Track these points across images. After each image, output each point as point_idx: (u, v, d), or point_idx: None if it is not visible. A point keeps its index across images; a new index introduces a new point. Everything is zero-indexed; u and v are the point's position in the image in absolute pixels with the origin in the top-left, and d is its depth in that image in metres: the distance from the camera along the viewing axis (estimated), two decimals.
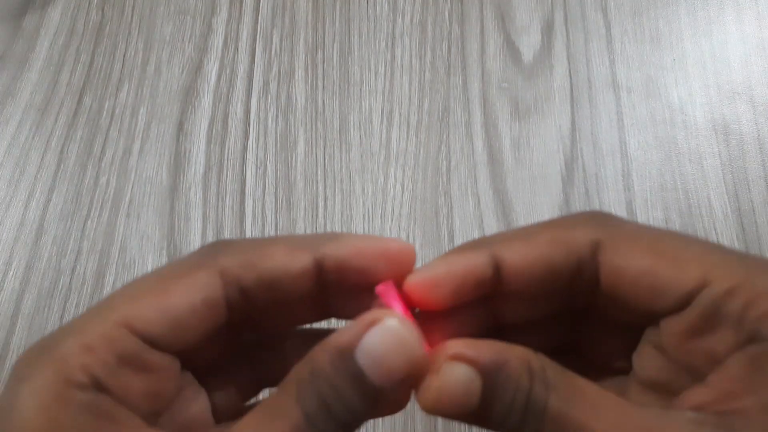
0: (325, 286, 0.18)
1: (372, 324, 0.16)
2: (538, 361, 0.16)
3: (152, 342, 0.16)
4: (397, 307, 0.18)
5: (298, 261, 0.17)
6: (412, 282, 0.18)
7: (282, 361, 0.20)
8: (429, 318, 0.18)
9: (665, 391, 0.18)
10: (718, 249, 0.17)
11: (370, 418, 0.16)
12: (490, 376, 0.16)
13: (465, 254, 0.18)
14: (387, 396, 0.16)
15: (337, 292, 0.19)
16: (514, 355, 0.16)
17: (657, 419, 0.15)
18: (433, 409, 0.16)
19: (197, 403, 0.18)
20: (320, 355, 0.16)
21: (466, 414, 0.16)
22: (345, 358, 0.15)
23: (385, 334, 0.16)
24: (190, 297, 0.17)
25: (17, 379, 0.15)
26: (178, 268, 0.17)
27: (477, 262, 0.18)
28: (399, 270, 0.18)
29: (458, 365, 0.16)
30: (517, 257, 0.18)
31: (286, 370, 0.16)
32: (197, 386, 0.19)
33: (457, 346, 0.16)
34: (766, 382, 0.15)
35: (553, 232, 0.18)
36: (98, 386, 0.15)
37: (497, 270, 0.18)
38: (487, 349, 0.16)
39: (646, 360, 0.18)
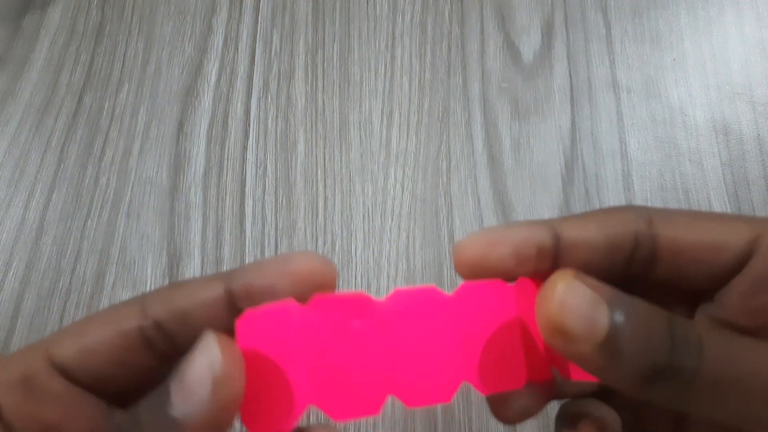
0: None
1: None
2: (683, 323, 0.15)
3: (63, 368, 0.16)
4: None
5: (208, 290, 0.17)
6: (467, 241, 0.17)
7: None
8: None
9: None
10: (752, 216, 0.18)
11: None
12: (619, 313, 0.15)
13: (523, 223, 0.18)
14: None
15: None
16: (649, 307, 0.15)
17: None
18: (554, 324, 0.15)
19: None
20: None
21: (589, 346, 0.15)
22: (160, 393, 0.15)
23: (195, 352, 0.15)
24: (104, 329, 0.17)
25: None
26: (110, 306, 0.18)
27: (537, 229, 0.17)
28: (306, 285, 0.17)
29: (581, 284, 0.15)
30: (576, 231, 0.17)
31: None
32: None
33: (579, 273, 0.16)
34: None
35: (606, 213, 0.18)
36: None
37: (557, 242, 0.17)
38: (614, 291, 0.15)
39: None
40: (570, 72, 0.40)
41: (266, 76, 0.42)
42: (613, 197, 0.37)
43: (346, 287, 0.36)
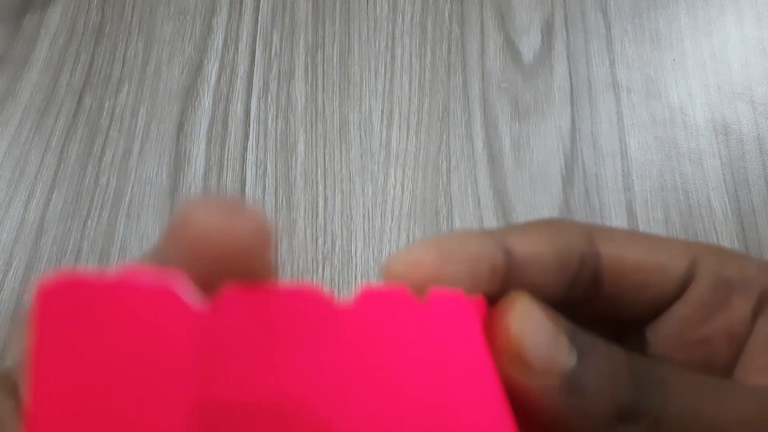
0: None
1: None
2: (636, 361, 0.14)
3: None
4: None
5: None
6: (415, 254, 0.13)
7: None
8: None
9: None
10: (684, 239, 0.17)
11: None
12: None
13: (470, 235, 0.14)
14: None
15: None
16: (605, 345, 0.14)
17: None
18: (513, 352, 0.13)
19: None
20: None
21: (552, 379, 0.13)
22: None
23: None
24: None
25: None
26: None
27: (487, 243, 0.14)
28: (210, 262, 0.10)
29: (540, 310, 0.13)
30: (527, 246, 0.15)
31: None
32: None
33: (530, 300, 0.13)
34: None
35: (551, 226, 0.16)
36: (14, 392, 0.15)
37: (507, 260, 0.14)
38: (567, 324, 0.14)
39: None
40: (570, 72, 0.40)
41: (266, 76, 0.42)
42: (613, 197, 0.37)
43: (346, 288, 0.36)
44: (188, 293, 0.09)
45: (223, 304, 0.09)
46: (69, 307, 0.08)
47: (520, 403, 0.13)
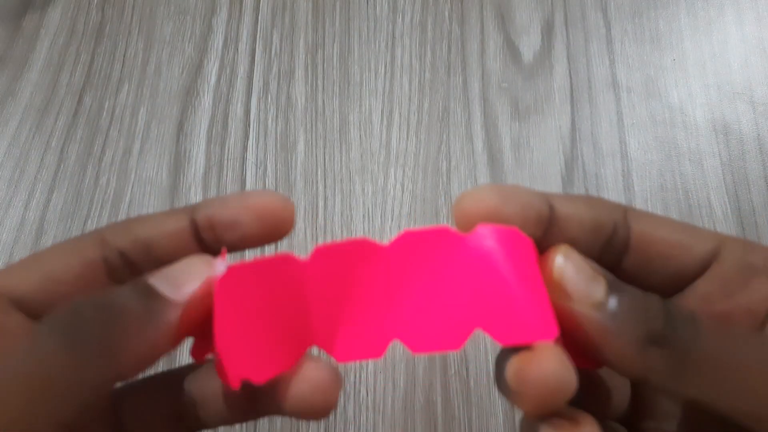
0: (209, 251, 0.18)
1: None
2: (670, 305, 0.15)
3: (21, 301, 0.16)
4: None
5: (173, 221, 0.17)
6: (478, 192, 0.17)
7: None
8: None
9: None
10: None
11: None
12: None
13: (521, 187, 0.17)
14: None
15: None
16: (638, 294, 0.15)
17: None
18: (556, 285, 0.15)
19: None
20: None
21: (587, 305, 0.15)
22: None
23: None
24: (67, 258, 0.16)
25: None
26: (68, 239, 0.17)
27: (536, 196, 0.17)
28: (269, 224, 0.17)
29: (577, 253, 0.16)
30: (567, 206, 0.17)
31: None
32: None
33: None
34: None
35: (590, 197, 0.18)
36: None
37: (551, 213, 0.17)
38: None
39: None
40: (570, 72, 0.40)
41: (266, 76, 0.42)
42: (613, 197, 0.37)
43: None
44: (297, 257, 0.16)
45: (316, 255, 0.16)
46: (235, 280, 0.15)
47: (564, 329, 0.15)
